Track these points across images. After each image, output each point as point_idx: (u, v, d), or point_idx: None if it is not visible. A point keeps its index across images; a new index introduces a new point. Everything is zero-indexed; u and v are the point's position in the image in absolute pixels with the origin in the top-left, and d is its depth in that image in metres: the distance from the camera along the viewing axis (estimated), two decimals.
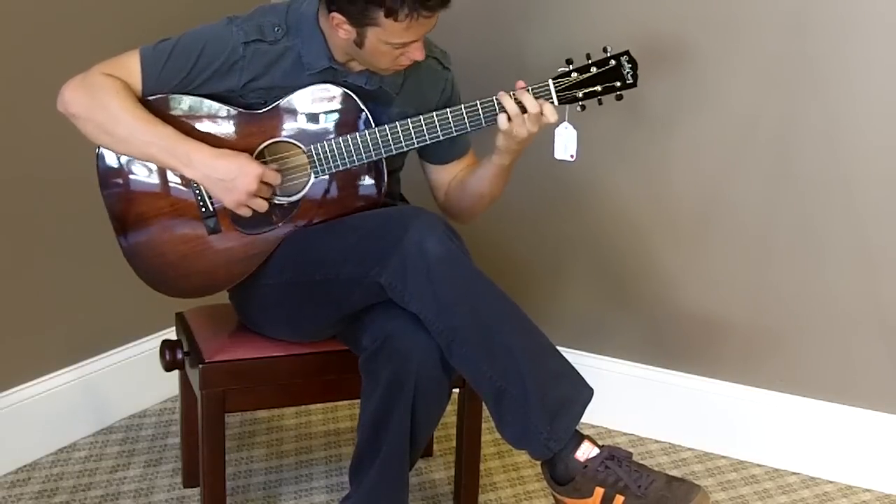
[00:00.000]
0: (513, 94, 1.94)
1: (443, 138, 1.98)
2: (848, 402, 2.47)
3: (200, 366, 2.02)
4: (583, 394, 1.86)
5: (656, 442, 2.68)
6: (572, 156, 2.01)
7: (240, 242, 2.01)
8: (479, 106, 1.95)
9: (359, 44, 1.91)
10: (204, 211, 1.99)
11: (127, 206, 2.01)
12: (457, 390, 2.14)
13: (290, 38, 1.97)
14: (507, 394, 1.82)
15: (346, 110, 1.99)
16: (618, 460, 1.80)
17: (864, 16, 2.30)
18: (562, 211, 2.70)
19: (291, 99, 1.98)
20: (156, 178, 2.00)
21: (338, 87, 1.98)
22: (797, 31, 2.36)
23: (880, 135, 2.33)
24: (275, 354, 2.07)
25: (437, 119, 1.95)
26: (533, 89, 1.94)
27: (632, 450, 1.90)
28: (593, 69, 1.96)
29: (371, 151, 1.97)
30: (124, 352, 2.65)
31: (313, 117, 1.99)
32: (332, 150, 1.97)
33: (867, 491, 2.46)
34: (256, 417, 2.72)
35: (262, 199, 1.94)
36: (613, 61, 1.96)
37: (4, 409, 2.35)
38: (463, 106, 1.95)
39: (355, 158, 1.97)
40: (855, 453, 2.47)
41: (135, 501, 2.30)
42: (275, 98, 1.98)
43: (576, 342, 2.69)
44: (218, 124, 1.98)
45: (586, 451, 1.81)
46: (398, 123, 1.96)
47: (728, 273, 2.54)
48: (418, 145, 1.98)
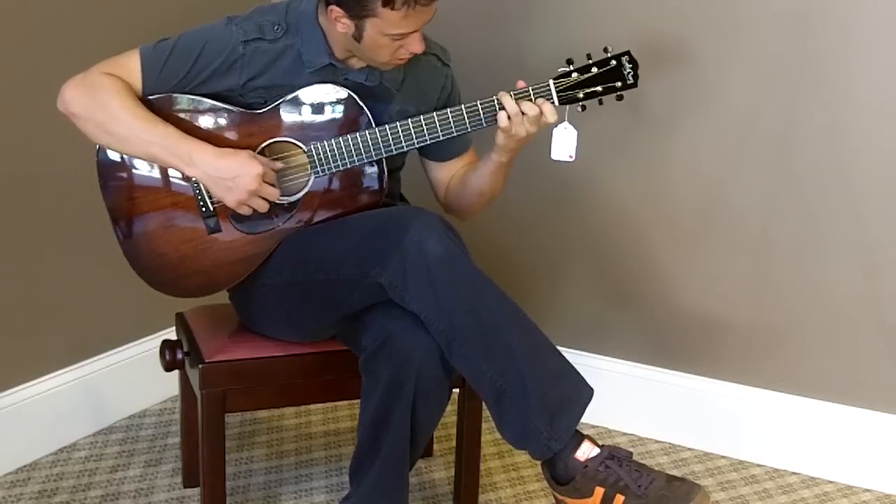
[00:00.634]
0: (513, 93, 1.94)
1: (443, 138, 1.98)
2: (848, 402, 2.47)
3: (200, 366, 2.02)
4: (583, 393, 1.86)
5: (656, 442, 2.68)
6: (571, 156, 2.01)
7: (240, 242, 2.01)
8: (479, 106, 1.95)
9: (357, 37, 1.91)
10: (204, 210, 1.99)
11: (127, 206, 2.01)
12: (457, 390, 2.14)
13: (289, 37, 1.97)
14: (507, 394, 1.82)
15: (346, 110, 1.99)
16: (618, 460, 1.80)
17: (864, 16, 2.30)
18: (562, 210, 2.70)
19: (292, 98, 1.98)
20: (156, 178, 2.00)
21: (338, 86, 1.98)
22: (797, 32, 2.36)
23: (880, 134, 2.33)
24: (275, 354, 2.07)
25: (437, 119, 1.95)
26: (534, 89, 1.94)
27: (632, 450, 1.90)
28: (594, 69, 1.96)
29: (371, 151, 1.97)
30: (124, 352, 2.65)
31: (314, 117, 1.99)
32: (332, 150, 1.97)
33: (867, 491, 2.46)
34: (256, 417, 2.72)
35: (263, 199, 1.93)
36: (614, 61, 1.96)
37: (4, 409, 2.35)
38: (463, 106, 1.96)
39: (355, 158, 1.97)
40: (855, 453, 2.47)
41: (135, 501, 2.30)
42: (275, 97, 1.98)
43: (576, 342, 2.69)
44: (218, 124, 1.98)
45: (586, 451, 1.81)
46: (398, 123, 1.96)
47: (728, 273, 2.54)
48: (419, 145, 1.98)
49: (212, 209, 1.99)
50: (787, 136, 2.42)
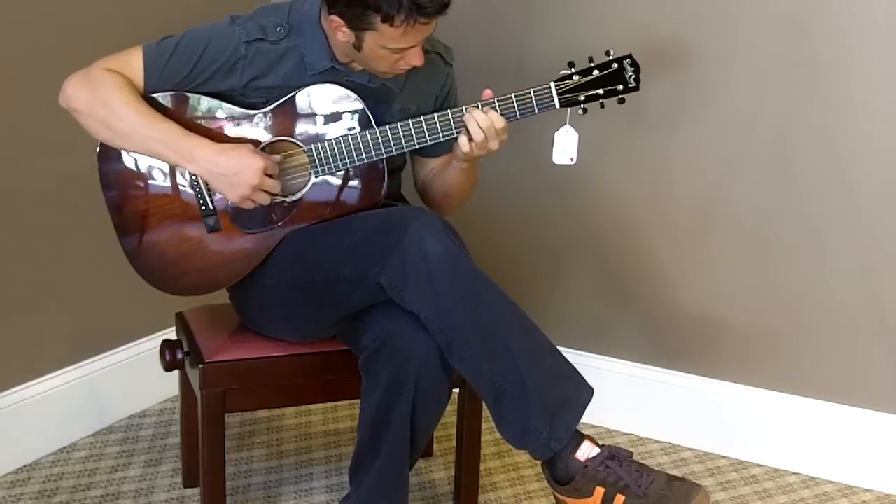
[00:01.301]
0: (480, 104, 1.93)
1: (443, 139, 1.98)
2: (848, 402, 2.47)
3: (200, 366, 2.02)
4: (583, 393, 1.86)
5: (656, 442, 2.68)
6: (572, 159, 2.01)
7: (240, 241, 2.01)
8: (479, 107, 1.95)
9: (357, 47, 1.91)
10: (204, 209, 1.99)
11: (127, 204, 2.01)
12: (457, 390, 2.14)
13: (292, 38, 1.97)
14: (507, 394, 1.82)
15: (347, 110, 1.99)
16: (618, 460, 1.80)
17: (864, 16, 2.30)
18: (562, 211, 2.70)
19: (293, 98, 1.98)
20: (156, 176, 2.00)
21: (340, 86, 1.98)
22: (797, 32, 2.36)
23: (880, 135, 2.33)
24: (275, 354, 2.07)
25: (438, 120, 1.95)
26: (535, 91, 1.94)
27: (632, 450, 1.90)
28: (595, 72, 1.95)
29: (372, 152, 1.97)
30: (124, 352, 2.65)
31: (314, 117, 1.99)
32: (332, 150, 1.97)
33: (867, 491, 2.46)
34: (256, 417, 2.72)
35: (266, 193, 1.93)
36: (616, 65, 1.95)
37: (4, 409, 2.35)
38: (464, 108, 1.95)
39: (356, 159, 1.97)
40: (855, 453, 2.47)
41: (135, 501, 2.30)
42: (277, 97, 1.98)
43: (576, 342, 2.69)
44: (219, 123, 1.98)
45: (587, 451, 1.81)
46: (399, 124, 1.96)
47: (728, 273, 2.54)
48: (419, 146, 1.98)
49: (212, 208, 1.99)
50: (787, 137, 2.42)
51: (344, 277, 1.91)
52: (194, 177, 1.97)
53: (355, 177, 2.01)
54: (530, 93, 1.94)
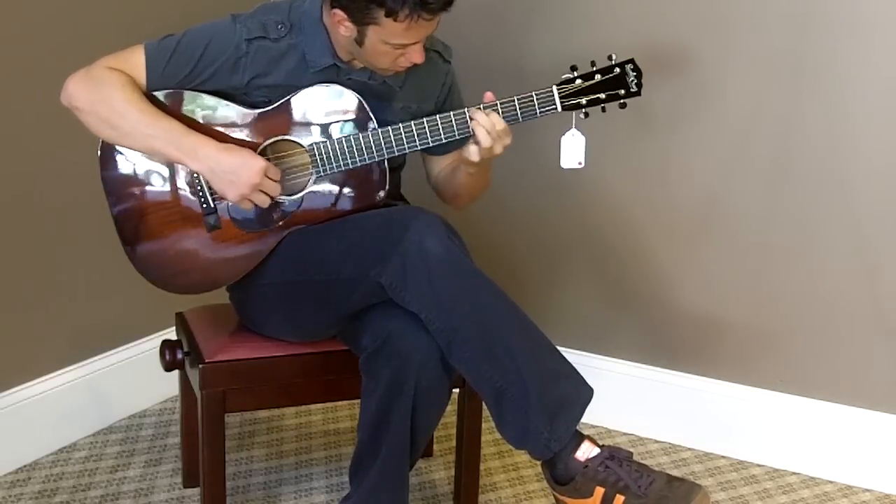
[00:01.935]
0: (482, 106, 1.93)
1: (445, 140, 1.98)
2: (848, 402, 2.47)
3: (200, 366, 2.02)
4: (583, 394, 1.86)
5: (656, 442, 2.68)
6: (580, 163, 2.00)
7: (240, 240, 2.01)
8: (482, 108, 1.95)
9: (359, 42, 1.91)
10: (205, 207, 1.99)
11: (128, 203, 2.00)
12: (457, 390, 2.14)
13: (293, 36, 1.97)
14: (507, 394, 1.82)
15: (348, 110, 1.99)
16: (618, 460, 1.80)
17: (864, 18, 2.29)
18: (562, 211, 2.70)
19: (295, 98, 1.98)
20: (158, 175, 2.00)
21: (342, 87, 1.98)
22: (797, 32, 2.36)
23: (879, 135, 2.33)
24: (275, 354, 2.07)
25: (440, 121, 1.95)
26: (537, 94, 1.94)
27: (632, 450, 1.90)
28: (598, 76, 1.95)
29: (373, 152, 1.97)
30: (124, 352, 2.65)
31: (316, 117, 1.99)
32: (333, 150, 1.97)
33: (867, 491, 2.46)
34: (256, 417, 2.72)
35: (265, 194, 1.93)
36: (618, 69, 1.95)
37: (4, 409, 2.35)
38: (466, 109, 1.95)
39: (357, 159, 1.97)
40: (855, 453, 2.47)
41: (135, 501, 2.30)
42: (279, 96, 1.98)
43: (576, 342, 2.69)
44: (221, 121, 1.98)
45: (586, 451, 1.81)
46: (401, 125, 1.96)
47: (728, 273, 2.54)
48: (421, 147, 1.98)
49: (212, 206, 1.99)
50: (786, 138, 2.42)
51: (344, 277, 1.91)
52: (195, 175, 1.97)
53: (356, 177, 2.01)
54: (532, 96, 1.94)
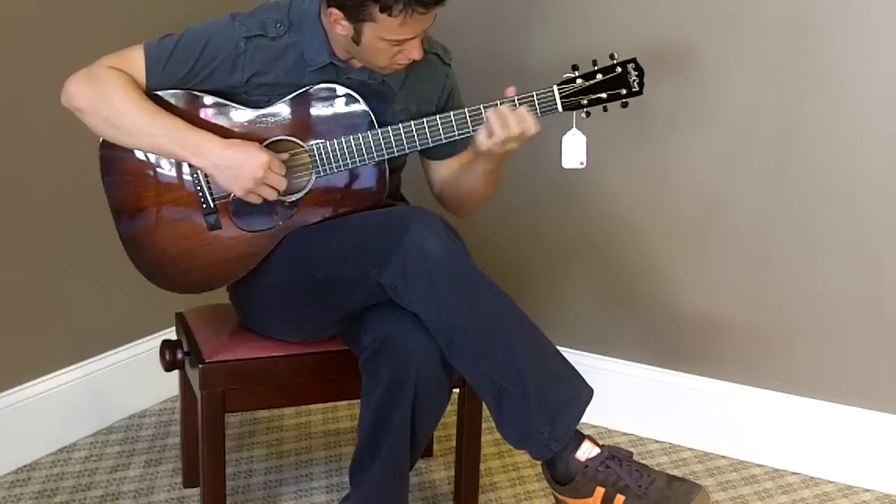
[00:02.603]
0: (500, 102, 1.92)
1: (445, 141, 1.98)
2: (848, 402, 2.47)
3: (200, 366, 2.02)
4: (583, 394, 1.86)
5: (656, 442, 2.68)
6: (582, 163, 2.00)
7: (240, 240, 2.01)
8: (482, 108, 1.94)
9: (356, 40, 1.91)
10: (205, 207, 1.99)
11: (129, 201, 2.00)
12: (457, 390, 2.14)
13: (292, 35, 1.97)
14: (507, 394, 1.82)
15: (349, 110, 1.99)
16: (618, 460, 1.80)
17: (864, 18, 2.29)
18: (562, 212, 2.70)
19: (295, 98, 1.98)
20: (159, 173, 2.00)
21: (342, 87, 1.98)
22: (797, 33, 2.36)
23: (880, 135, 2.33)
24: (275, 354, 2.07)
25: (440, 121, 1.95)
26: (538, 94, 1.93)
27: (632, 450, 1.90)
28: (599, 76, 1.94)
29: (374, 153, 1.97)
30: (124, 352, 2.65)
31: (317, 117, 1.99)
32: (334, 150, 1.97)
33: (867, 491, 2.46)
34: (256, 417, 2.72)
35: (270, 188, 1.93)
36: (620, 69, 1.94)
37: (4, 409, 2.35)
38: (466, 109, 1.95)
39: (357, 159, 1.97)
40: (855, 453, 2.47)
41: (135, 501, 2.30)
42: (279, 96, 1.98)
43: (576, 342, 2.69)
44: (221, 121, 1.98)
45: (587, 451, 1.81)
46: (401, 126, 1.96)
47: (728, 273, 2.54)
48: (421, 147, 1.98)
49: (213, 206, 1.99)
50: (787, 138, 2.42)
51: (344, 277, 1.91)
52: (195, 175, 1.97)
53: (356, 177, 2.01)
54: (533, 96, 1.93)
